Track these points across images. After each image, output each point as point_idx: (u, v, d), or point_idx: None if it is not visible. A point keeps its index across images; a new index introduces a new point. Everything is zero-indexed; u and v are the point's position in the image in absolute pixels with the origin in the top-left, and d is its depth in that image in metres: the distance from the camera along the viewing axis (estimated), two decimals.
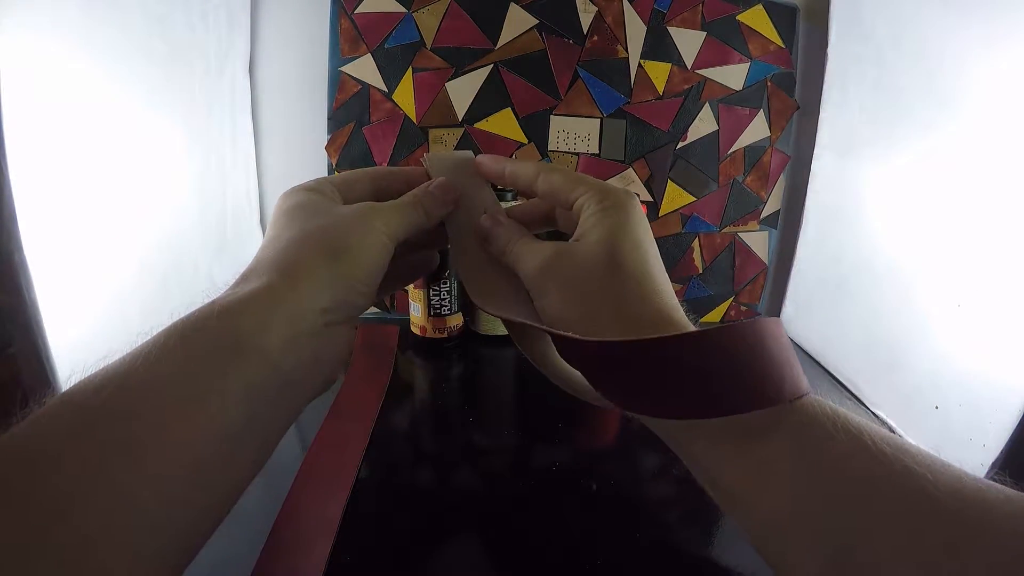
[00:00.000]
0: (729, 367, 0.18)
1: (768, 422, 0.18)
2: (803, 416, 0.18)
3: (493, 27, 0.61)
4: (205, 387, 0.17)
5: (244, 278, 0.22)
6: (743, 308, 0.73)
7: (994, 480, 0.16)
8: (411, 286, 0.57)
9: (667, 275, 0.23)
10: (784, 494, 0.18)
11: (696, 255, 0.69)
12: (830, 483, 0.17)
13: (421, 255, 0.32)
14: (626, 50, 0.63)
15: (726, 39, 0.63)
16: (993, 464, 0.39)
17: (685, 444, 0.21)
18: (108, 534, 0.14)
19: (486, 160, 0.29)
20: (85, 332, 0.38)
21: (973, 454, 0.40)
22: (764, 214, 0.70)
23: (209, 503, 0.18)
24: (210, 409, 0.17)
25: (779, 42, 0.64)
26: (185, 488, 0.16)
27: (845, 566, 0.16)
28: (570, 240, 0.24)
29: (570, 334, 0.20)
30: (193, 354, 0.18)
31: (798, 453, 0.18)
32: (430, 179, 0.29)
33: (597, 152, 0.65)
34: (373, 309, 0.67)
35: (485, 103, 0.63)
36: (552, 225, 0.30)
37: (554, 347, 0.23)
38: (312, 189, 0.26)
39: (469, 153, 0.30)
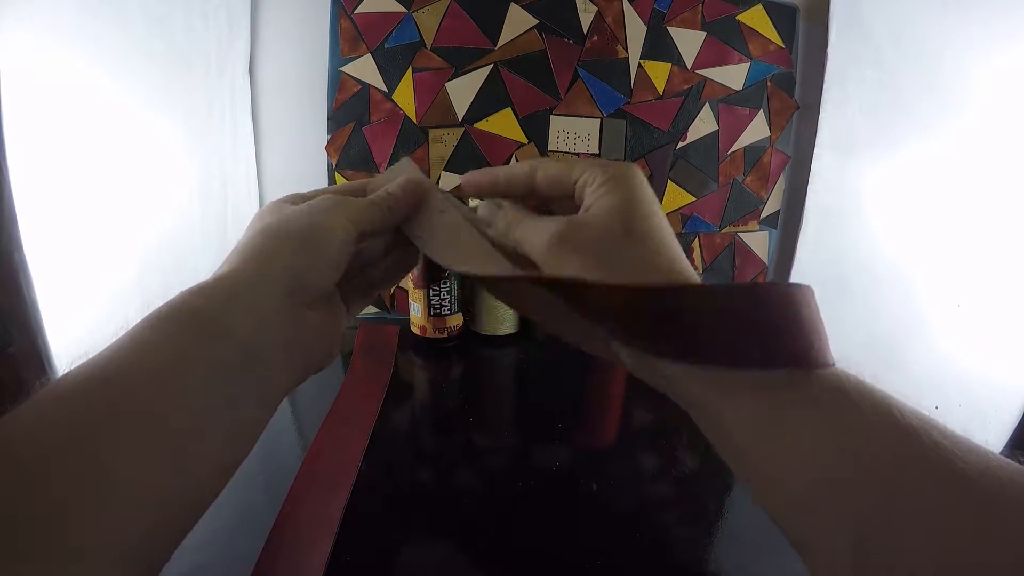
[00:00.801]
0: (766, 321, 0.18)
1: (796, 388, 0.18)
2: (832, 385, 0.18)
3: (493, 27, 0.61)
4: (170, 363, 0.18)
5: (216, 271, 0.23)
6: None
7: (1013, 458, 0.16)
8: (411, 286, 0.57)
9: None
10: (812, 464, 0.17)
11: (696, 255, 0.69)
12: (859, 456, 0.17)
13: (398, 255, 0.32)
14: (626, 50, 0.63)
15: (726, 39, 0.63)
16: None
17: (709, 404, 0.20)
18: (95, 520, 0.15)
19: (475, 176, 0.28)
20: (85, 332, 0.38)
21: None
22: (764, 214, 0.70)
23: (185, 478, 0.18)
24: (176, 384, 0.18)
25: (779, 42, 0.64)
26: (156, 459, 0.17)
27: (871, 546, 0.16)
28: (579, 214, 0.24)
29: (602, 282, 0.20)
30: (160, 336, 0.19)
31: (827, 422, 0.17)
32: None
33: (597, 152, 0.65)
34: (373, 309, 0.67)
35: (485, 103, 0.63)
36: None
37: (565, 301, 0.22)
38: (282, 199, 0.27)
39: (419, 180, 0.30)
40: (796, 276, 0.70)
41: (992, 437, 0.40)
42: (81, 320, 0.38)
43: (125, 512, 0.16)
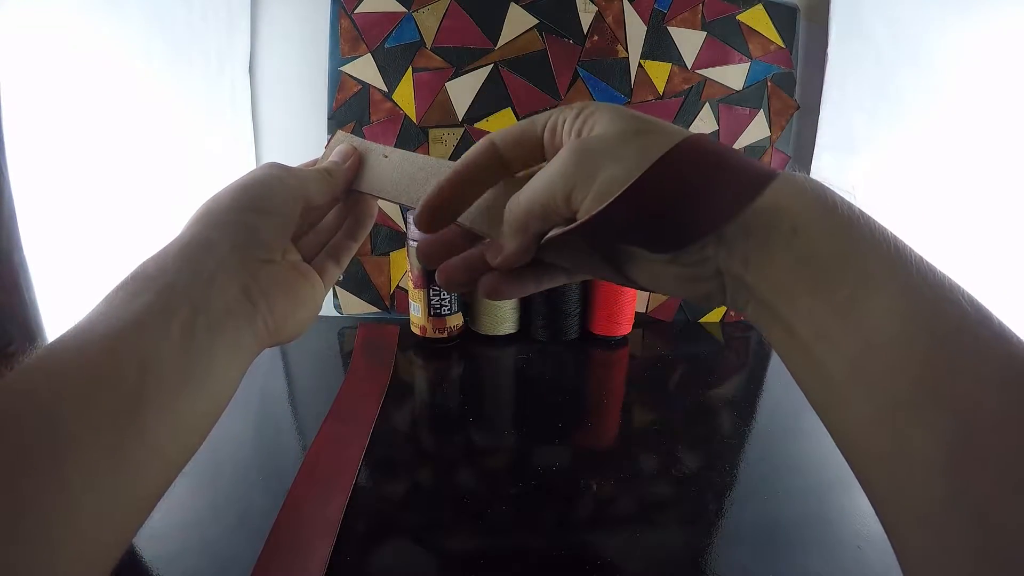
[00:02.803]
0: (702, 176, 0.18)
1: (834, 255, 0.17)
2: (876, 254, 0.16)
3: (493, 27, 0.61)
4: (119, 321, 0.19)
5: None
6: None
7: None
8: (411, 286, 0.57)
9: None
10: (886, 334, 0.15)
11: None
12: (931, 329, 0.15)
13: (356, 210, 0.32)
14: (626, 50, 0.63)
15: (726, 39, 0.63)
16: None
17: (758, 287, 0.19)
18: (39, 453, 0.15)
19: (430, 196, 0.24)
20: None
21: None
22: None
23: (148, 437, 0.18)
24: (130, 337, 0.18)
25: (779, 42, 0.64)
26: (116, 404, 0.17)
27: (981, 449, 0.14)
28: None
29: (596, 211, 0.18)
30: (117, 301, 0.20)
31: (887, 289, 0.16)
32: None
33: None
34: (373, 309, 0.67)
35: (485, 103, 0.63)
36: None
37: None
38: None
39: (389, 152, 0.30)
40: None
41: None
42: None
43: (79, 465, 0.16)
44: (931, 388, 0.14)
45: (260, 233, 0.24)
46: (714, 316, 0.72)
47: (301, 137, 0.64)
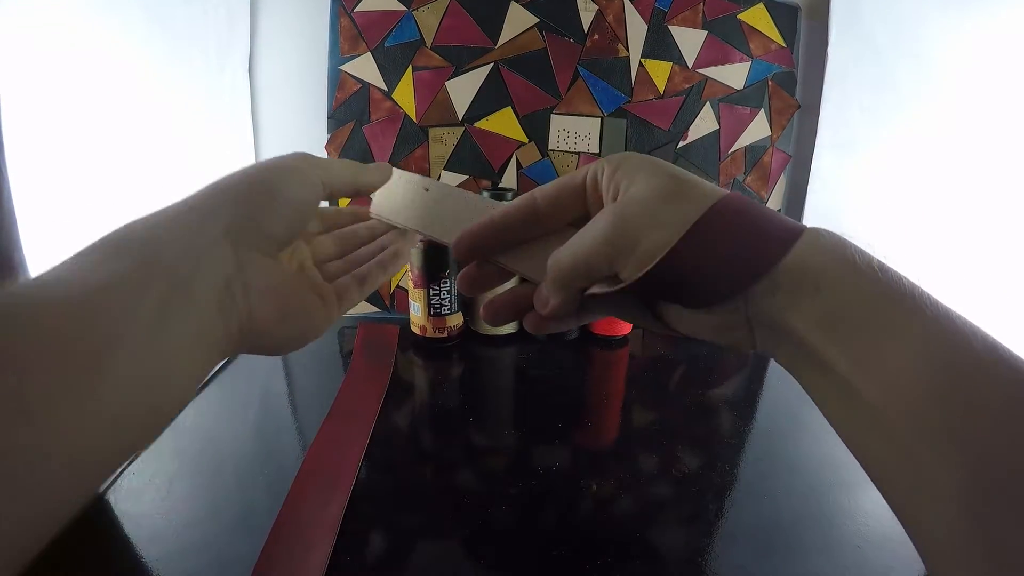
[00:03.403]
0: (729, 241, 0.19)
1: (862, 304, 0.18)
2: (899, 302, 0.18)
3: (493, 26, 0.61)
4: (95, 286, 0.17)
5: None
6: None
7: None
8: (411, 286, 0.56)
9: None
10: (907, 377, 0.16)
11: None
12: (948, 372, 0.16)
13: (400, 245, 0.32)
14: (627, 49, 0.63)
15: (727, 38, 0.63)
16: None
17: (786, 339, 0.20)
18: None
19: (466, 234, 0.25)
20: None
21: None
22: None
23: (98, 404, 0.17)
24: (97, 306, 0.17)
25: (780, 41, 0.64)
26: (71, 384, 0.16)
27: (993, 482, 0.15)
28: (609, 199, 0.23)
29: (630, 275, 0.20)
30: (93, 258, 0.19)
31: (909, 330, 0.17)
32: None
33: (598, 151, 0.65)
34: (373, 309, 0.67)
35: (485, 102, 0.63)
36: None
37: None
38: None
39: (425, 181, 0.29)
40: None
41: None
42: None
43: (35, 432, 0.15)
44: (949, 427, 0.15)
45: (263, 222, 0.22)
46: None
47: (301, 136, 0.64)
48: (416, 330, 0.58)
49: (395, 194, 0.29)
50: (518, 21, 0.61)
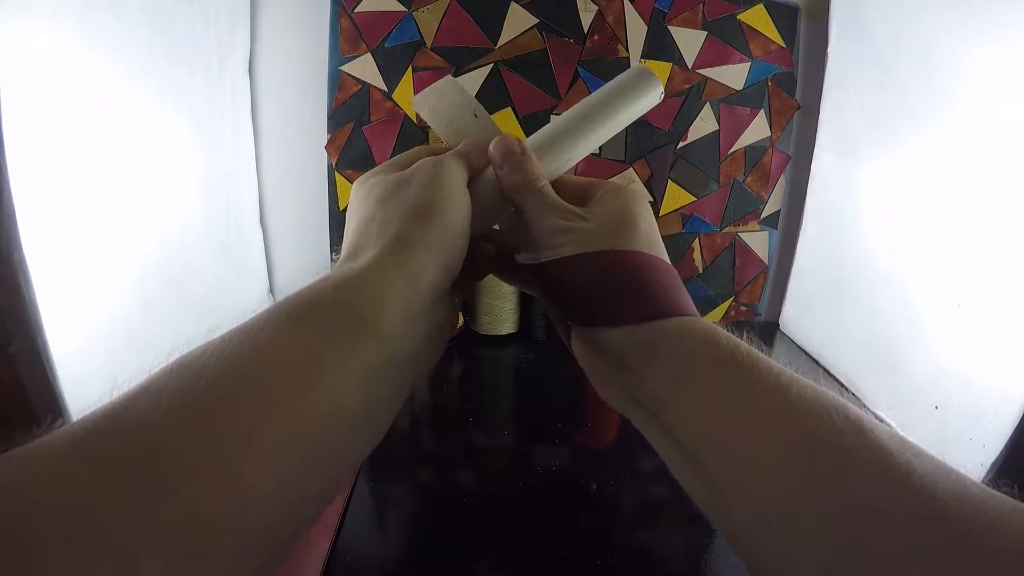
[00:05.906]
0: (615, 282, 0.22)
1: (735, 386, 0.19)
2: (768, 384, 0.18)
3: (493, 26, 0.61)
4: (322, 367, 0.17)
5: (349, 258, 0.21)
6: (743, 308, 0.73)
7: (991, 486, 0.15)
8: None
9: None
10: (756, 447, 0.17)
11: (696, 255, 0.69)
12: (801, 445, 0.17)
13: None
14: (627, 49, 0.63)
15: (727, 39, 0.63)
16: (993, 464, 0.39)
17: (675, 405, 0.21)
18: (216, 512, 0.13)
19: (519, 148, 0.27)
20: (85, 332, 0.38)
21: (973, 454, 0.40)
22: (764, 214, 0.70)
23: (323, 482, 0.17)
24: (327, 389, 0.16)
25: (780, 42, 0.64)
26: (298, 468, 0.15)
27: (833, 544, 0.15)
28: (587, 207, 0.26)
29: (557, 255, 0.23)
30: (308, 333, 0.17)
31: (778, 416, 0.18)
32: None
33: (598, 152, 0.65)
34: None
35: (485, 102, 0.62)
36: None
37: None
38: (383, 171, 0.25)
39: (467, 97, 0.30)
40: (796, 276, 0.70)
41: (992, 437, 0.39)
42: (81, 320, 0.38)
43: (259, 519, 0.14)
44: (794, 496, 0.16)
45: (452, 263, 0.22)
46: (714, 316, 0.72)
47: (301, 137, 0.64)
48: None
49: (444, 101, 0.30)
50: (518, 22, 0.61)
